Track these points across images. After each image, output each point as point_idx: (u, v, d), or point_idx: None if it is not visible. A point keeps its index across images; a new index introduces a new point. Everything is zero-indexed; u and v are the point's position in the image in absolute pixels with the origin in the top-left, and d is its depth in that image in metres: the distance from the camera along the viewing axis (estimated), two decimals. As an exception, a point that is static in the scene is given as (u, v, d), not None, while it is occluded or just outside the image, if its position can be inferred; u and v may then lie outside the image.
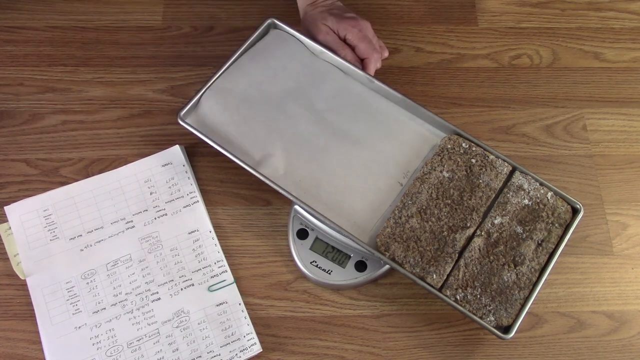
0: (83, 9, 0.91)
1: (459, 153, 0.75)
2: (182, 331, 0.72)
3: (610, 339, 0.74)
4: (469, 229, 0.72)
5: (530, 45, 0.91)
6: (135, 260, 0.75)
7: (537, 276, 0.70)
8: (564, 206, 0.73)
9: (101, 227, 0.76)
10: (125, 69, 0.87)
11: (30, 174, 0.80)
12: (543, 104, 0.87)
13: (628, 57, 0.91)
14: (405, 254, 0.70)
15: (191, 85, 0.86)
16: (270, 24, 0.83)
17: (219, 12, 0.92)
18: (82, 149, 0.82)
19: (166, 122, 0.83)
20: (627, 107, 0.87)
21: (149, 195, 0.78)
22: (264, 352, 0.72)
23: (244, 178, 0.78)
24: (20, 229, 0.76)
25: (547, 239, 0.72)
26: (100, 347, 0.71)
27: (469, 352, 0.73)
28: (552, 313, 0.75)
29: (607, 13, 0.94)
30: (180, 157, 0.80)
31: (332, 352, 0.73)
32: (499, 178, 0.74)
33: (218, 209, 0.79)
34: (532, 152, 0.84)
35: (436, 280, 0.70)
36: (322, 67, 0.82)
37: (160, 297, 0.73)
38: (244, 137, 0.77)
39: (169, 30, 0.90)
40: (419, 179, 0.74)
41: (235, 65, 0.81)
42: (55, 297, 0.73)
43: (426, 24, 0.92)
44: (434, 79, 0.88)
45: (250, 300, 0.74)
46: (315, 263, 0.74)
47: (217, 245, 0.76)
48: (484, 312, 0.68)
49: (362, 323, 0.74)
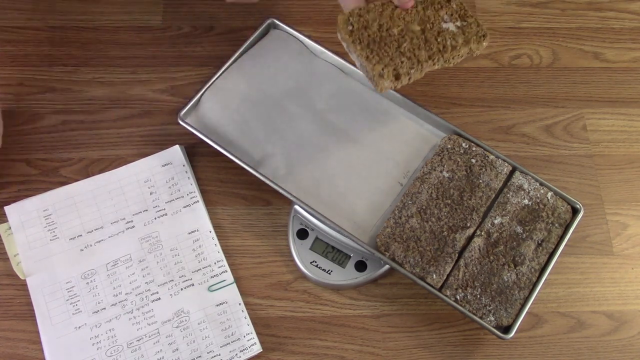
0: (83, 9, 0.90)
1: (459, 153, 0.75)
2: (182, 331, 0.72)
3: (610, 339, 0.74)
4: (469, 229, 0.72)
5: (530, 45, 0.91)
6: (135, 260, 0.75)
7: (537, 276, 0.70)
8: (564, 206, 0.73)
9: (101, 227, 0.76)
10: (125, 69, 0.87)
11: (30, 174, 0.80)
12: (543, 104, 0.87)
13: (628, 57, 0.91)
14: (405, 254, 0.70)
15: (191, 85, 0.86)
16: (270, 24, 0.83)
17: (219, 12, 0.91)
18: (82, 149, 0.82)
19: (166, 122, 0.83)
20: (627, 107, 0.87)
21: (149, 195, 0.78)
22: (264, 352, 0.72)
23: (244, 178, 0.78)
24: (20, 229, 0.76)
25: (547, 239, 0.72)
26: (100, 347, 0.71)
27: (469, 352, 0.73)
28: (552, 313, 0.75)
29: (607, 13, 0.94)
30: (180, 157, 0.80)
31: (332, 352, 0.73)
32: (499, 178, 0.74)
33: (218, 209, 0.79)
34: (532, 152, 0.84)
35: (436, 280, 0.70)
36: (322, 67, 0.82)
37: (160, 297, 0.73)
38: (244, 137, 0.77)
39: (169, 30, 0.90)
40: (419, 178, 0.74)
41: (235, 65, 0.81)
42: (55, 297, 0.73)
43: (426, 24, 0.92)
44: (434, 79, 0.88)
45: (250, 300, 0.74)
46: (315, 263, 0.74)
47: (217, 245, 0.76)
48: (484, 312, 0.68)
49: (362, 323, 0.74)
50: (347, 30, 0.66)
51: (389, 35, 0.66)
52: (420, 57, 0.66)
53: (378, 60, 0.65)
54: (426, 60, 0.66)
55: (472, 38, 0.68)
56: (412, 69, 0.66)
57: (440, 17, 0.68)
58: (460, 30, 0.68)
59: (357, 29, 0.66)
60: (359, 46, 0.65)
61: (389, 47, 0.66)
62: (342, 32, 0.66)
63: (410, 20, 0.67)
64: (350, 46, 0.66)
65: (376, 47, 0.65)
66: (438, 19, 0.68)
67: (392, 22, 0.66)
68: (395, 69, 0.65)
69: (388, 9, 0.67)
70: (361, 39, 0.65)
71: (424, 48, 0.66)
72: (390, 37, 0.66)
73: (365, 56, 0.65)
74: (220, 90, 0.79)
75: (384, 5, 0.67)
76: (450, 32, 0.67)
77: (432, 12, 0.67)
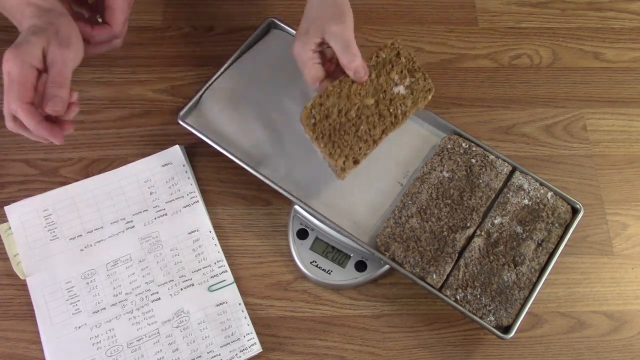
0: (83, 9, 0.91)
1: (459, 153, 0.75)
2: (182, 331, 0.72)
3: (610, 339, 0.74)
4: (469, 229, 0.72)
5: (530, 45, 0.91)
6: (135, 260, 0.75)
7: (537, 276, 0.70)
8: (564, 206, 0.73)
9: (101, 227, 0.76)
10: (125, 69, 0.87)
11: (30, 174, 0.80)
12: (543, 104, 0.87)
13: (628, 57, 0.91)
14: (405, 254, 0.70)
15: (191, 85, 0.86)
16: (270, 24, 0.83)
17: (219, 12, 0.91)
18: (82, 149, 0.82)
19: (166, 122, 0.83)
20: (627, 107, 0.87)
21: (149, 195, 0.78)
22: (264, 352, 0.72)
23: (244, 178, 0.78)
24: (20, 229, 0.76)
25: (547, 239, 0.72)
26: (100, 347, 0.71)
27: (469, 352, 0.73)
28: (552, 313, 0.75)
29: (607, 13, 0.94)
30: (180, 157, 0.80)
31: (332, 352, 0.73)
32: (499, 178, 0.74)
33: (218, 209, 0.79)
34: (532, 152, 0.84)
35: (436, 280, 0.70)
36: (322, 67, 0.82)
37: (160, 297, 0.73)
38: (244, 137, 0.77)
39: (169, 30, 0.90)
40: (419, 178, 0.74)
41: (235, 65, 0.81)
42: (55, 297, 0.73)
43: (426, 24, 0.92)
44: (434, 79, 0.87)
45: (250, 300, 0.74)
46: (315, 263, 0.74)
47: (217, 245, 0.76)
48: (484, 312, 0.68)
49: (362, 323, 0.74)
50: (310, 124, 0.69)
51: (347, 120, 0.70)
52: (375, 136, 0.72)
53: (339, 154, 0.70)
54: (380, 137, 0.72)
55: (419, 96, 0.73)
56: (368, 149, 0.71)
57: (391, 81, 0.72)
58: (409, 91, 0.73)
59: (319, 120, 0.70)
60: (322, 142, 0.69)
61: (348, 134, 0.70)
62: (305, 127, 0.70)
63: (365, 94, 0.71)
64: (314, 142, 0.70)
65: (337, 139, 0.70)
66: (390, 84, 0.72)
67: (349, 101, 0.71)
68: (354, 157, 0.70)
69: (345, 86, 0.70)
70: (323, 133, 0.70)
71: (379, 124, 0.71)
72: (349, 122, 0.71)
73: (328, 152, 0.70)
74: (220, 91, 0.79)
75: (341, 82, 0.70)
76: (401, 96, 0.72)
77: (384, 78, 0.72)
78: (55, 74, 0.61)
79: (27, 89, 0.60)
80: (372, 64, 0.72)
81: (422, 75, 0.74)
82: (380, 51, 0.72)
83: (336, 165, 0.70)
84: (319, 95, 0.70)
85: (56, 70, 0.61)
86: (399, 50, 0.73)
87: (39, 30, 0.61)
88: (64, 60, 0.62)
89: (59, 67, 0.61)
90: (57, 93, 0.61)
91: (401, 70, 0.73)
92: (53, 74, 0.61)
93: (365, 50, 0.90)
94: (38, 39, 0.61)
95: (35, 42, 0.60)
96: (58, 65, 0.61)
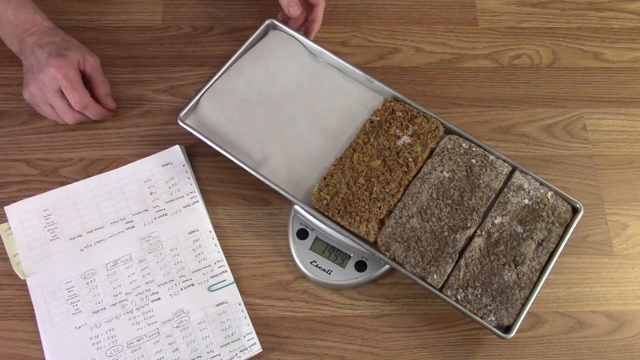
0: (83, 9, 0.90)
1: (459, 153, 0.75)
2: (182, 331, 0.72)
3: (610, 339, 0.74)
4: (469, 229, 0.72)
5: (530, 45, 0.91)
6: (135, 260, 0.75)
7: (538, 276, 0.70)
8: (564, 206, 0.73)
9: (101, 227, 0.76)
10: (125, 69, 0.87)
11: (30, 174, 0.80)
12: (543, 104, 0.87)
13: (628, 57, 0.91)
14: (405, 254, 0.70)
15: (191, 85, 0.86)
16: (269, 24, 0.83)
17: (219, 12, 0.91)
18: (82, 149, 0.82)
19: (166, 122, 0.83)
20: (627, 107, 0.87)
21: (149, 195, 0.78)
22: (264, 352, 0.72)
23: (244, 178, 0.78)
24: (20, 229, 0.76)
25: (548, 239, 0.72)
26: (100, 347, 0.71)
27: (469, 352, 0.73)
28: (552, 313, 0.75)
29: (607, 13, 0.94)
30: (180, 157, 0.80)
31: (332, 352, 0.73)
32: (499, 178, 0.74)
33: (218, 209, 0.79)
34: (532, 152, 0.84)
35: (437, 280, 0.70)
36: (321, 68, 0.82)
37: (160, 297, 0.73)
38: (243, 137, 0.77)
39: (169, 30, 0.90)
40: (419, 178, 0.74)
41: (234, 66, 0.81)
42: (55, 297, 0.73)
43: (426, 24, 0.92)
44: (434, 79, 0.88)
45: (250, 300, 0.74)
46: (315, 263, 0.74)
47: (217, 245, 0.76)
48: (484, 312, 0.68)
49: (362, 323, 0.74)
50: (323, 206, 0.71)
51: (358, 188, 0.71)
52: (393, 190, 0.72)
53: (359, 221, 0.70)
54: (398, 190, 0.72)
55: (427, 138, 0.74)
56: (388, 206, 0.71)
57: (393, 136, 0.73)
58: (415, 137, 0.74)
59: (331, 199, 0.71)
60: (339, 217, 0.70)
61: (363, 200, 0.71)
62: (320, 209, 0.71)
63: (370, 159, 0.72)
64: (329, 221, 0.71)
65: (352, 209, 0.71)
66: (392, 140, 0.73)
67: (355, 171, 0.72)
68: (377, 218, 0.71)
69: (347, 160, 0.73)
70: (338, 208, 0.71)
71: (392, 180, 0.72)
72: (359, 189, 0.72)
73: (348, 224, 0.70)
74: (220, 91, 0.79)
75: (342, 159, 0.73)
76: (407, 145, 0.73)
77: (384, 137, 0.73)
78: (98, 74, 0.81)
79: (84, 87, 0.78)
80: (368, 130, 0.74)
81: (424, 118, 0.75)
82: (373, 116, 0.75)
83: (359, 232, 0.70)
84: (324, 177, 0.72)
85: (97, 71, 0.81)
86: (393, 107, 0.75)
87: (70, 45, 0.78)
88: (98, 65, 0.81)
89: (97, 70, 0.81)
90: (108, 90, 0.82)
91: (400, 123, 0.74)
92: (97, 75, 0.81)
93: (365, 50, 0.91)
94: (74, 52, 0.77)
95: (73, 54, 0.77)
96: (96, 69, 0.80)
